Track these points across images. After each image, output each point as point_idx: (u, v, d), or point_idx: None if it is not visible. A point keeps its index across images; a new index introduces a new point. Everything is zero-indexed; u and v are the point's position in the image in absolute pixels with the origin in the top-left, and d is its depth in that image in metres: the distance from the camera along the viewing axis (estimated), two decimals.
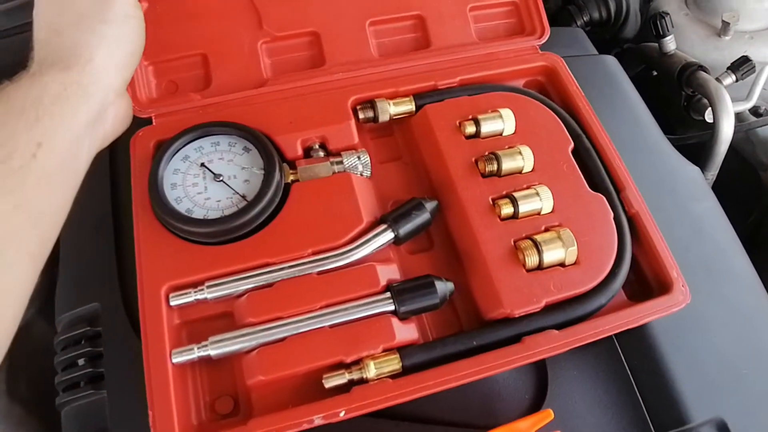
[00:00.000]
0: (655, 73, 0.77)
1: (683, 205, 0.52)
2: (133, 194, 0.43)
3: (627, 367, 0.43)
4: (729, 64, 0.62)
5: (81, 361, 0.45)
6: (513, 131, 0.47)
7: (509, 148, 0.45)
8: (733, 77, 0.61)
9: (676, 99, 0.70)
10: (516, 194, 0.43)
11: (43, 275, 0.55)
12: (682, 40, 0.73)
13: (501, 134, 0.46)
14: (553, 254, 0.41)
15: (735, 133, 0.62)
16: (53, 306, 0.52)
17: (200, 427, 0.38)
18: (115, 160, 0.50)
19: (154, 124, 0.46)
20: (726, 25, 0.68)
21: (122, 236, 0.47)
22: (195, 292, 0.39)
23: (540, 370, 0.43)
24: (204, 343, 0.38)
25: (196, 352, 0.37)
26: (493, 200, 0.43)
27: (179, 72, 0.49)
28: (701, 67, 0.63)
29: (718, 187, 0.64)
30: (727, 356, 0.45)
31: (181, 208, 0.41)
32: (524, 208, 0.42)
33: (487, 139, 0.46)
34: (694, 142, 0.68)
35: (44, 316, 0.66)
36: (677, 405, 0.42)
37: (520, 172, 0.45)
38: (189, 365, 0.39)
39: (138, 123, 0.47)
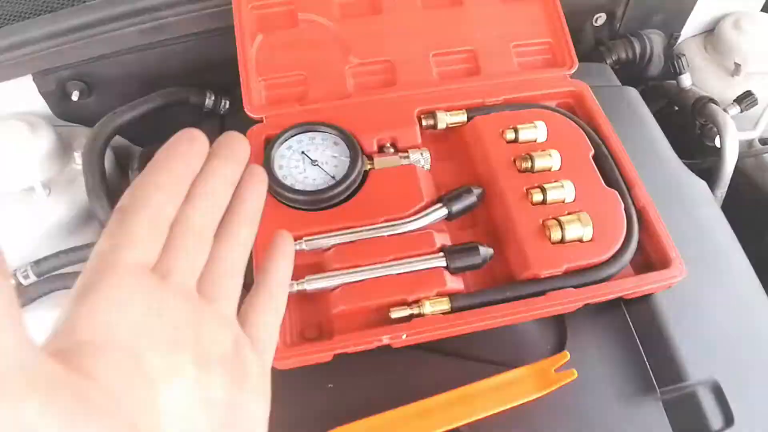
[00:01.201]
0: (676, 108, 0.90)
1: (689, 210, 0.64)
2: None
3: (634, 332, 0.55)
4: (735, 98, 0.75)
5: None
6: (545, 139, 0.60)
7: (541, 151, 0.59)
8: (738, 108, 0.74)
9: (692, 129, 0.83)
10: (545, 185, 0.56)
11: None
12: (701, 79, 0.86)
13: (535, 141, 0.60)
14: (573, 231, 0.53)
15: (743, 157, 0.74)
16: None
17: (292, 345, 0.51)
18: None
19: (264, 123, 0.62)
20: (737, 67, 0.81)
21: None
22: (296, 243, 0.53)
23: (560, 328, 0.55)
24: (301, 280, 0.51)
25: (295, 287, 0.51)
26: (527, 190, 0.56)
27: (285, 87, 0.65)
28: (711, 100, 0.76)
29: (732, 215, 0.75)
30: (723, 330, 0.56)
31: (287, 183, 0.56)
32: (551, 196, 0.55)
33: (523, 144, 0.60)
34: (707, 167, 0.80)
35: None
36: (676, 365, 0.53)
37: (550, 170, 0.58)
38: (289, 301, 0.52)
39: (252, 122, 0.63)
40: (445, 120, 0.62)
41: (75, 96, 0.78)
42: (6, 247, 0.70)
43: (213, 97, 0.76)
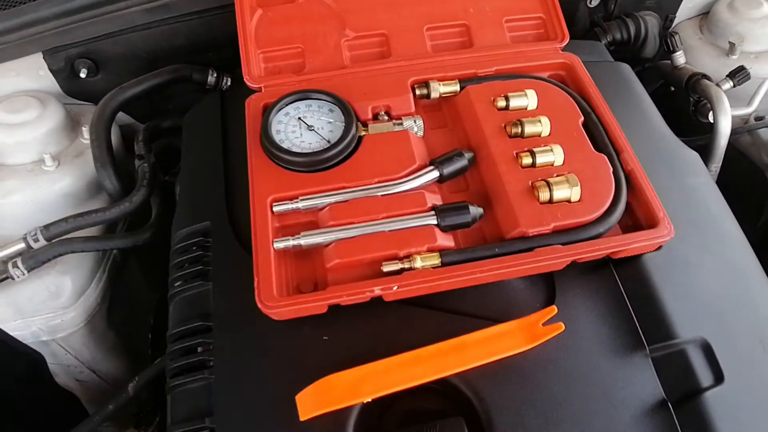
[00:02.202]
0: (672, 88, 0.91)
1: (681, 178, 0.65)
2: (248, 137, 0.60)
3: (623, 291, 0.56)
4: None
5: (194, 262, 0.61)
6: (536, 107, 0.62)
7: (531, 117, 0.60)
8: (731, 83, 0.75)
9: (687, 109, 0.84)
10: (535, 149, 0.57)
11: (161, 207, 0.74)
12: (696, 60, 0.87)
13: (526, 108, 0.62)
14: (561, 192, 0.55)
15: (737, 134, 0.75)
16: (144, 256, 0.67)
17: (289, 296, 0.52)
18: (225, 116, 0.68)
19: (263, 92, 0.64)
20: (732, 47, 0.83)
21: (230, 174, 0.65)
22: (292, 203, 0.55)
23: (549, 286, 0.56)
24: (297, 236, 0.53)
25: (291, 241, 0.53)
26: (517, 153, 0.58)
27: (282, 60, 0.68)
28: (705, 76, 0.77)
29: (729, 192, 0.76)
30: (713, 291, 0.57)
31: (284, 146, 0.58)
32: (540, 159, 0.57)
33: (514, 112, 0.61)
34: (703, 144, 0.81)
35: (136, 263, 0.84)
36: (665, 324, 0.54)
37: (540, 136, 0.59)
38: (283, 257, 0.54)
39: (251, 92, 0.65)
40: (438, 89, 0.64)
41: (83, 73, 0.81)
42: (18, 216, 0.73)
43: (215, 75, 0.79)
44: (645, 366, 0.53)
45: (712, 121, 0.76)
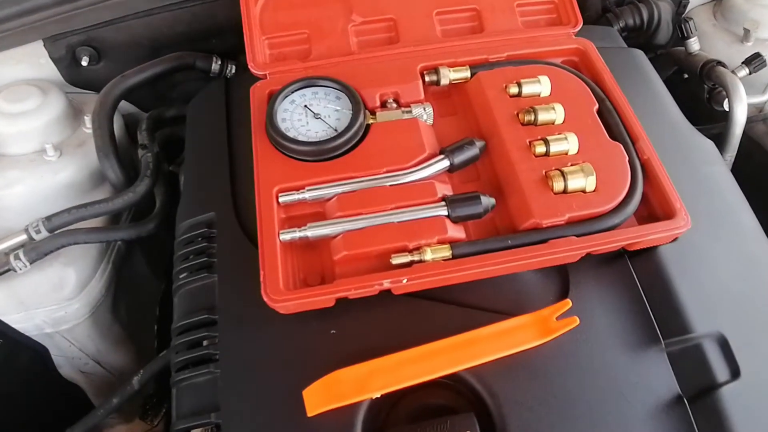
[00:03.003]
0: (686, 75, 0.88)
1: (696, 167, 0.62)
2: (252, 126, 0.58)
3: (638, 283, 0.54)
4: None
5: (199, 253, 0.59)
6: (549, 93, 0.59)
7: (545, 105, 0.58)
8: (747, 70, 0.72)
9: (701, 96, 0.81)
10: (548, 138, 0.55)
11: (166, 197, 0.72)
12: (710, 46, 0.84)
13: (539, 95, 0.59)
14: (576, 182, 0.52)
15: (753, 122, 0.72)
16: (149, 247, 0.66)
17: (296, 289, 0.51)
18: (229, 108, 0.66)
19: (268, 79, 0.62)
20: (747, 32, 0.80)
21: (235, 163, 0.63)
22: (298, 193, 0.53)
23: (562, 279, 0.54)
24: (303, 227, 0.51)
25: (298, 233, 0.51)
26: (530, 142, 0.55)
27: (288, 46, 0.65)
28: (720, 63, 0.74)
29: (743, 181, 0.73)
30: (730, 284, 0.55)
31: (290, 135, 0.56)
32: (554, 148, 0.55)
33: (527, 98, 0.59)
34: (717, 132, 0.79)
35: (141, 252, 0.82)
36: (682, 317, 0.52)
37: (553, 123, 0.57)
38: (289, 249, 0.52)
39: (256, 79, 0.63)
40: (448, 76, 0.61)
41: (85, 61, 0.79)
42: (19, 207, 0.71)
43: (219, 62, 0.76)
44: (660, 360, 0.51)
45: (727, 109, 0.74)
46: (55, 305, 0.73)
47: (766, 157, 0.81)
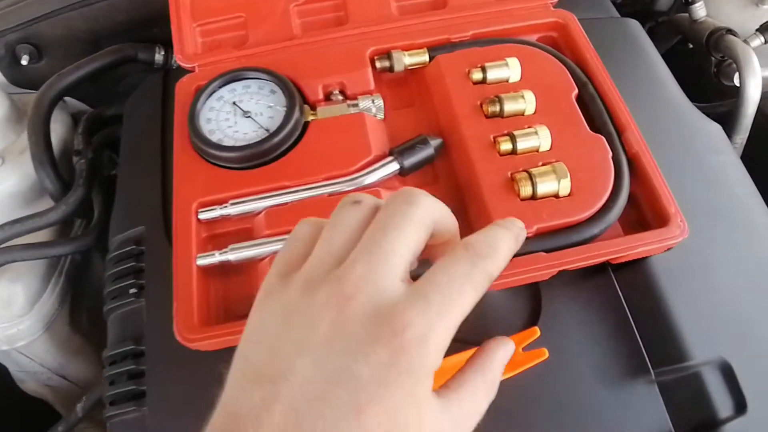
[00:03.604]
0: (690, 45, 0.76)
1: (697, 156, 0.51)
2: (175, 129, 0.49)
3: (624, 302, 0.44)
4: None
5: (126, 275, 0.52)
6: (519, 78, 0.49)
7: (513, 92, 0.47)
8: (762, 38, 0.60)
9: (708, 67, 0.69)
10: (515, 132, 0.45)
11: (104, 206, 0.64)
12: (718, 11, 0.71)
13: (507, 81, 0.49)
14: (546, 185, 0.42)
15: (765, 97, 0.60)
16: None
17: (218, 324, 0.43)
18: (165, 105, 0.57)
19: (196, 72, 0.52)
20: None
21: (168, 170, 0.54)
22: (220, 208, 0.44)
23: (534, 297, 0.44)
24: (225, 249, 0.43)
25: (217, 257, 0.42)
26: (494, 138, 0.45)
27: (223, 32, 0.55)
28: (729, 31, 0.62)
29: (754, 166, 0.62)
30: (736, 298, 0.45)
31: (213, 138, 0.47)
32: (522, 145, 0.44)
33: (493, 85, 0.48)
34: (726, 110, 0.67)
35: (100, 255, 0.75)
36: (676, 342, 0.42)
37: (523, 114, 0.47)
38: (212, 274, 0.44)
39: (184, 73, 0.54)
40: (402, 61, 0.51)
41: (25, 60, 0.70)
42: None
43: (163, 52, 0.67)
44: (650, 393, 0.41)
45: (737, 84, 0.62)
46: (5, 323, 0.67)
47: None
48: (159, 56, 0.67)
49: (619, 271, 0.45)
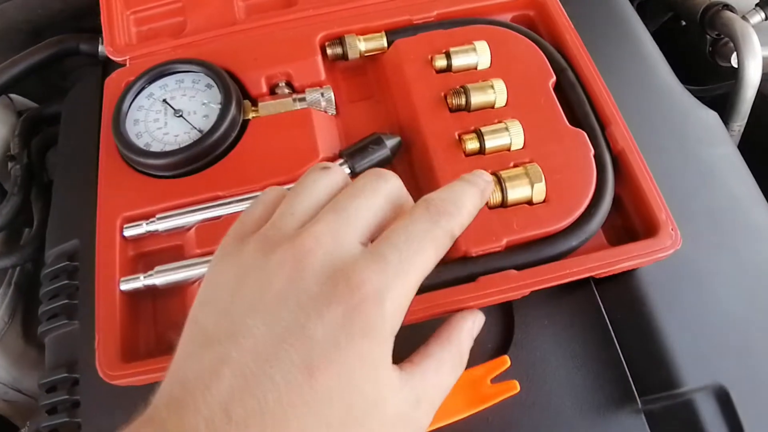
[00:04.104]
0: (683, 23, 0.68)
1: (692, 149, 0.45)
2: (102, 132, 0.42)
3: (608, 321, 0.38)
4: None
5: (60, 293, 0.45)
6: (488, 65, 0.42)
7: (482, 81, 0.40)
8: (762, 14, 0.52)
9: (703, 47, 0.61)
10: (483, 129, 0.38)
11: (43, 214, 0.58)
12: None
13: (475, 68, 0.42)
14: (518, 191, 0.36)
15: (765, 79, 0.53)
16: None
17: (148, 354, 0.37)
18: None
19: (127, 66, 0.45)
20: None
21: None
22: (147, 223, 0.38)
23: (506, 317, 0.38)
24: (150, 272, 0.36)
25: (142, 281, 0.36)
26: (459, 135, 0.39)
27: (158, 20, 0.48)
28: (726, 6, 0.54)
29: (753, 153, 0.55)
30: (735, 314, 0.38)
31: (140, 142, 0.40)
32: (491, 143, 0.38)
33: (459, 74, 0.41)
34: (723, 93, 0.60)
35: None
36: (667, 366, 0.36)
37: (492, 107, 0.40)
38: (141, 297, 0.38)
39: (116, 68, 0.47)
40: (357, 47, 0.44)
41: None
42: None
43: None
44: (635, 424, 0.35)
45: (735, 65, 0.54)
46: None
47: None
48: (102, 47, 0.59)
49: (603, 285, 0.38)
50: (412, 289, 0.23)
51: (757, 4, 0.54)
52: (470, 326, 0.29)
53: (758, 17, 0.53)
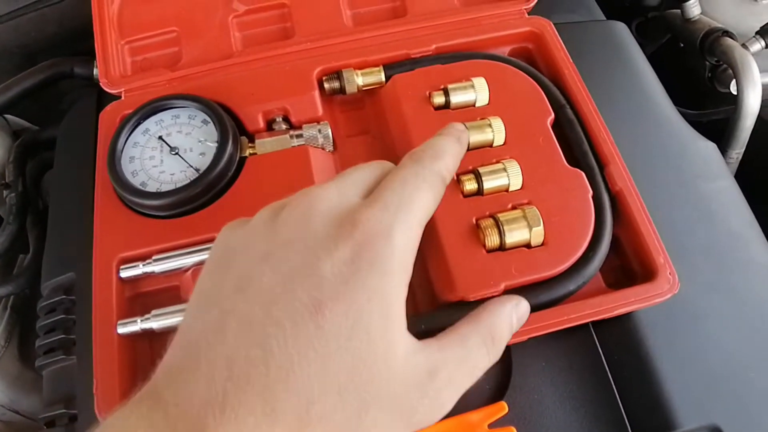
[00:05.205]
0: (682, 45, 0.68)
1: (690, 184, 0.45)
2: (97, 168, 0.42)
3: (605, 362, 0.38)
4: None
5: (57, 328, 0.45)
6: (486, 102, 0.41)
7: (480, 119, 0.40)
8: (762, 43, 0.52)
9: (702, 70, 0.61)
10: (481, 169, 0.38)
11: (39, 242, 0.57)
12: (714, 6, 0.63)
13: (474, 105, 0.42)
14: (516, 234, 0.36)
15: (765, 105, 0.53)
16: None
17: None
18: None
19: (122, 99, 0.45)
20: None
21: None
22: (143, 264, 0.38)
23: (503, 359, 0.38)
24: (147, 315, 0.36)
25: (139, 324, 0.36)
26: (457, 176, 0.39)
27: (153, 50, 0.48)
28: (726, 33, 0.54)
29: (750, 173, 0.55)
30: (731, 355, 0.39)
31: (136, 181, 0.40)
32: (489, 184, 0.38)
33: (457, 111, 0.41)
34: (720, 118, 0.60)
35: None
36: (663, 407, 0.36)
37: (491, 146, 0.40)
38: (138, 339, 0.38)
39: (111, 99, 0.47)
40: (355, 81, 0.43)
41: None
42: None
43: None
44: None
45: (734, 92, 0.55)
46: None
47: None
48: (98, 70, 0.59)
49: (600, 327, 0.38)
50: (417, 227, 0.24)
51: (757, 32, 0.53)
52: (509, 311, 0.28)
53: (758, 45, 0.53)
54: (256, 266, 0.21)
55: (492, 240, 0.36)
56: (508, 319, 0.28)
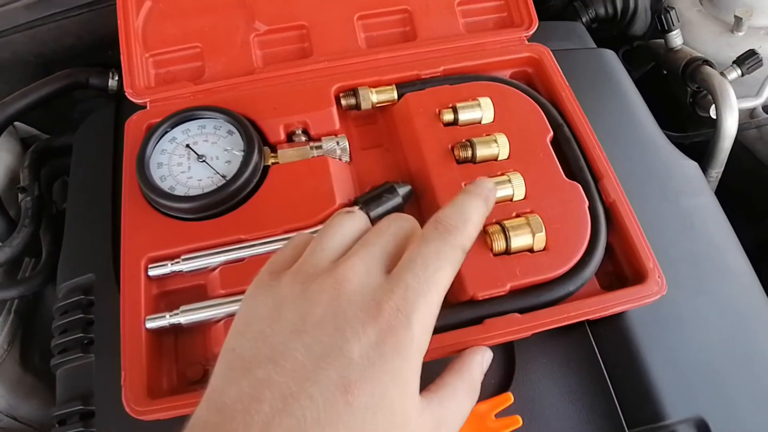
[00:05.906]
0: (665, 72, 0.74)
1: (674, 199, 0.50)
2: (124, 173, 0.45)
3: (600, 359, 0.42)
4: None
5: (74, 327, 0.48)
6: (491, 120, 0.46)
7: (486, 135, 0.45)
8: (739, 71, 0.59)
9: (684, 97, 0.67)
10: None
11: (53, 246, 0.59)
12: (694, 37, 0.70)
13: (480, 122, 0.46)
14: (520, 240, 0.40)
15: (743, 129, 0.59)
16: None
17: (170, 390, 0.39)
18: (118, 138, 0.53)
19: (147, 108, 0.48)
20: (739, 21, 0.65)
21: (118, 213, 0.50)
22: (171, 264, 0.41)
23: (508, 355, 0.42)
24: (176, 311, 0.39)
25: (167, 319, 0.39)
26: (466, 186, 0.43)
27: (177, 63, 0.51)
28: (706, 62, 0.60)
29: (729, 191, 0.61)
30: (713, 353, 0.43)
31: (165, 185, 0.43)
32: (496, 194, 0.42)
33: (465, 127, 0.46)
34: (701, 140, 0.66)
35: (54, 287, 0.70)
36: (653, 400, 0.41)
37: (496, 159, 0.44)
38: (164, 334, 0.41)
39: (135, 108, 0.50)
40: (369, 99, 0.48)
41: None
42: None
43: (117, 77, 0.62)
44: None
45: (713, 116, 0.60)
46: None
47: (757, 164, 0.68)
48: (113, 82, 0.63)
49: (595, 326, 0.43)
50: (436, 306, 0.26)
51: (734, 62, 0.60)
52: (480, 359, 0.33)
53: (735, 74, 0.59)
54: (289, 341, 0.23)
55: (499, 244, 0.40)
56: (480, 367, 0.33)
